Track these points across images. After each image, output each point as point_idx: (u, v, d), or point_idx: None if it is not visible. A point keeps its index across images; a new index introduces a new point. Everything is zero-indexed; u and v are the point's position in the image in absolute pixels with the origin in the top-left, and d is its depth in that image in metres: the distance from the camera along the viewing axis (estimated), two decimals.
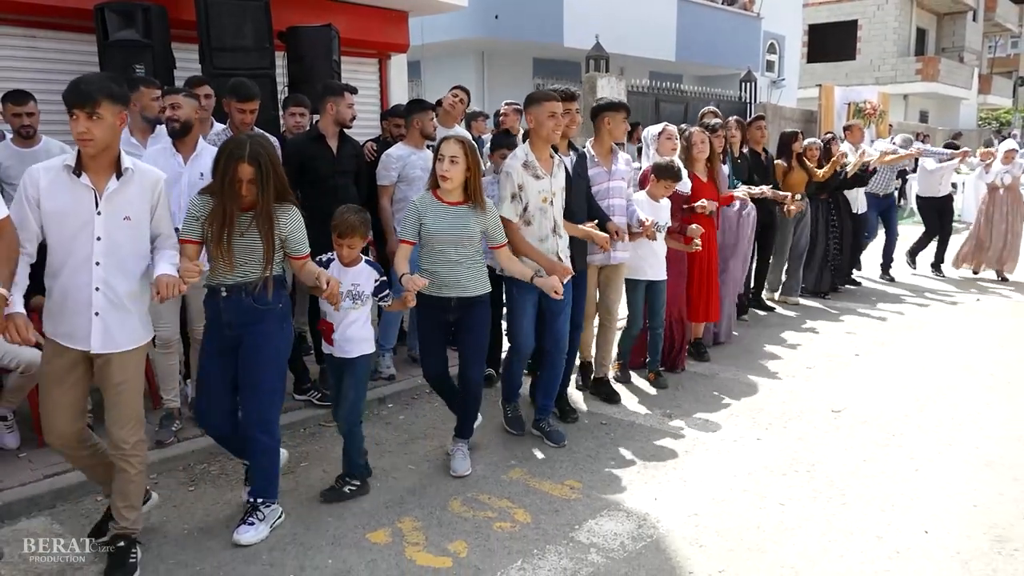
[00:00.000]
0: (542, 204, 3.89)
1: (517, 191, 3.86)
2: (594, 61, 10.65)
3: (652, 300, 5.06)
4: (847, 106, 14.45)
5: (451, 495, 3.62)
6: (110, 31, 5.59)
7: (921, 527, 3.32)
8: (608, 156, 4.65)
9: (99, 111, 2.64)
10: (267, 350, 3.15)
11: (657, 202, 4.92)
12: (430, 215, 3.58)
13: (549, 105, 3.85)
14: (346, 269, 3.41)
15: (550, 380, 4.27)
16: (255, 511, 3.23)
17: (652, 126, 5.45)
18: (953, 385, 5.21)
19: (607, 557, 3.09)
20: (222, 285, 3.09)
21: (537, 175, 3.89)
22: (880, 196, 8.79)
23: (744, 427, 4.48)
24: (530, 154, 3.90)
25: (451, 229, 3.58)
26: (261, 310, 3.12)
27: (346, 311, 3.40)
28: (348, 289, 3.38)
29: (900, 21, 27.65)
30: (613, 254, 4.58)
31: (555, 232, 3.96)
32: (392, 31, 8.15)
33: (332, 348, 3.47)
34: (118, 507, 2.98)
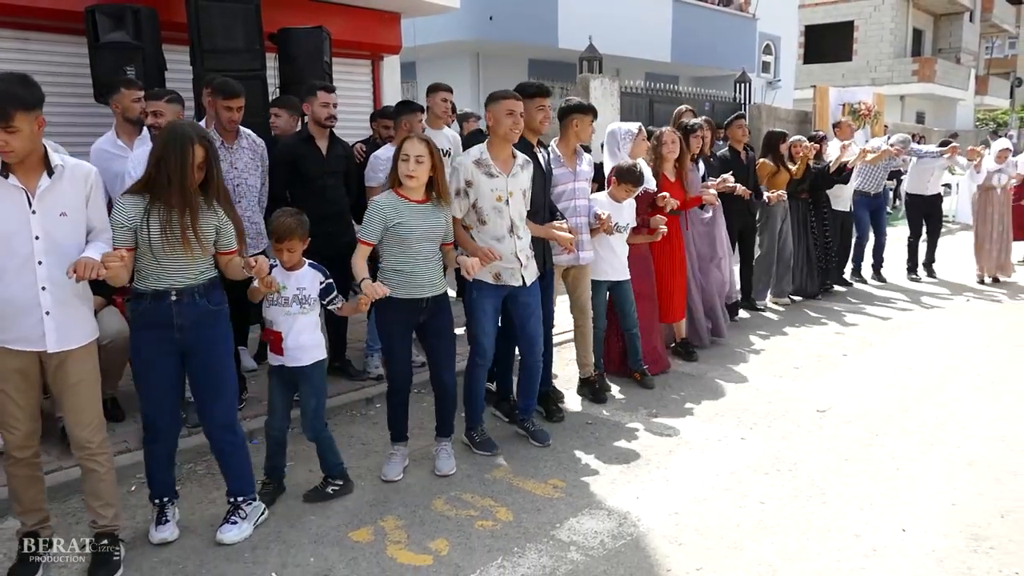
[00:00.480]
0: (496, 203, 3.83)
1: (463, 187, 3.81)
2: (587, 62, 10.67)
3: (620, 301, 5.04)
4: (842, 107, 14.47)
5: (435, 494, 3.65)
6: (101, 33, 5.63)
7: (899, 526, 3.35)
8: (572, 157, 4.65)
9: (14, 124, 2.58)
10: (224, 351, 3.18)
11: (619, 203, 4.90)
12: (404, 214, 3.54)
13: (507, 103, 3.80)
14: (289, 273, 3.38)
15: (529, 381, 4.27)
16: (237, 510, 3.27)
17: (620, 124, 5.43)
18: (939, 385, 5.24)
19: (586, 555, 3.12)
20: (172, 289, 3.00)
21: (491, 173, 3.83)
22: (871, 195, 8.74)
23: (729, 427, 4.51)
24: (485, 152, 3.86)
25: (425, 227, 3.58)
26: (215, 311, 3.11)
27: (294, 317, 3.36)
28: (294, 294, 3.36)
29: (896, 22, 27.70)
30: (581, 255, 4.63)
31: (512, 232, 3.90)
32: (384, 32, 8.19)
33: (283, 358, 3.40)
34: (94, 507, 3.01)
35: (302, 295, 3.38)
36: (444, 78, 10.59)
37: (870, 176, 8.67)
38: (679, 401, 4.95)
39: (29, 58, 6.02)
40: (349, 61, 7.99)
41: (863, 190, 8.66)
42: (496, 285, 3.95)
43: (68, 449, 3.80)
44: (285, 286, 3.34)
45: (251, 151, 4.44)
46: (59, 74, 6.06)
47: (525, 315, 4.08)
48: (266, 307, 3.38)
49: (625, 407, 4.84)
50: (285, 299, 3.35)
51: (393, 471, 3.83)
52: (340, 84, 7.24)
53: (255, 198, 4.48)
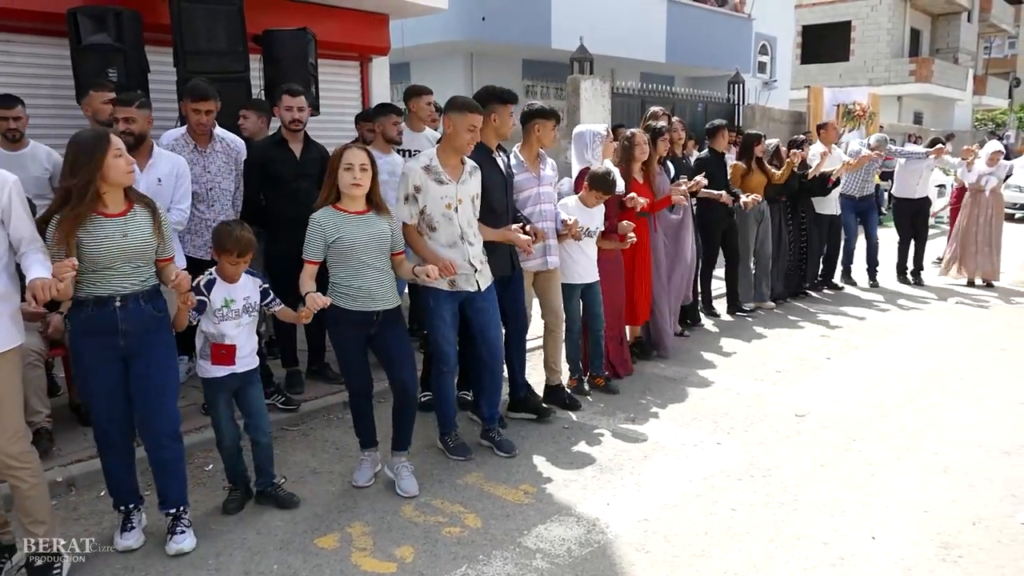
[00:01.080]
0: (446, 210, 3.80)
1: (412, 192, 3.77)
2: (578, 63, 10.65)
3: (589, 303, 5.04)
4: (836, 107, 14.45)
5: (404, 500, 3.64)
6: (83, 35, 5.60)
7: (869, 533, 3.33)
8: (536, 162, 4.62)
9: None
10: (170, 358, 3.16)
11: (589, 208, 4.88)
12: (345, 227, 3.46)
13: (472, 118, 3.76)
14: (233, 287, 3.35)
15: (492, 389, 4.22)
16: (180, 519, 3.21)
17: (588, 125, 5.39)
18: (920, 390, 5.22)
19: (551, 563, 3.11)
20: (117, 295, 2.95)
21: (440, 180, 3.79)
22: (856, 198, 8.68)
23: (706, 432, 4.50)
24: (435, 159, 3.81)
25: (368, 237, 3.50)
26: (159, 317, 3.10)
27: (245, 326, 3.38)
28: (243, 304, 3.36)
29: (894, 22, 27.66)
30: (549, 259, 4.61)
31: (464, 239, 3.86)
32: (372, 34, 8.16)
33: (234, 367, 3.37)
34: (24, 525, 2.94)
35: (249, 304, 3.39)
36: (437, 79, 10.60)
37: (852, 178, 8.58)
38: (658, 406, 4.93)
39: (12, 59, 6.02)
40: (337, 63, 7.97)
41: (847, 193, 8.60)
42: (452, 292, 3.92)
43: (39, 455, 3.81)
44: (234, 299, 3.33)
45: (225, 155, 4.44)
46: (42, 76, 6.05)
47: (483, 321, 4.05)
48: (214, 323, 3.31)
49: (603, 412, 4.82)
50: (235, 311, 3.33)
51: (363, 477, 3.81)
52: (328, 86, 7.25)
53: (228, 202, 4.47)
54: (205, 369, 3.38)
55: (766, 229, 7.41)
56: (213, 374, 3.37)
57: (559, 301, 4.81)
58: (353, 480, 3.81)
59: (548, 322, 4.86)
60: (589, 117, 9.73)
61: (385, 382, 3.89)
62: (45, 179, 4.67)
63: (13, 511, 3.00)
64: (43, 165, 4.65)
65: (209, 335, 3.34)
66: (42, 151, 4.70)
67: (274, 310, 3.51)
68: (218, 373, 3.37)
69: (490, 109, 4.07)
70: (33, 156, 4.65)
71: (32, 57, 6.07)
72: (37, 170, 4.63)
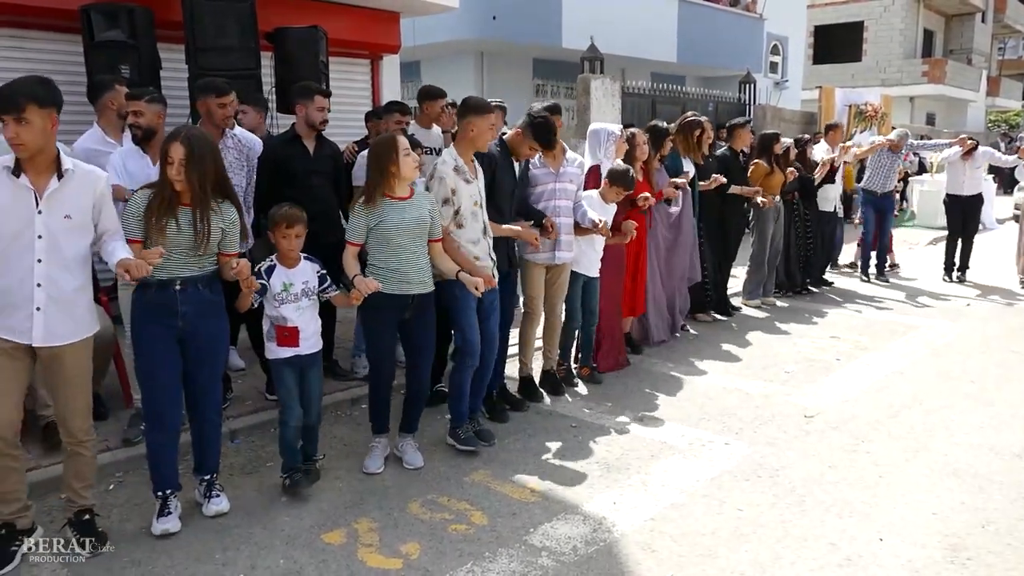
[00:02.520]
0: (474, 208, 3.99)
1: (451, 195, 3.93)
2: (588, 62, 10.63)
3: (586, 297, 5.13)
4: (848, 108, 14.37)
5: (411, 496, 3.64)
6: (96, 32, 5.65)
7: (876, 535, 3.32)
8: (557, 157, 4.74)
9: (26, 116, 2.74)
10: (223, 341, 3.43)
11: (607, 204, 5.06)
12: (385, 213, 3.62)
13: (491, 117, 4.02)
14: (292, 271, 3.52)
15: (480, 380, 4.28)
16: (213, 485, 3.49)
17: (604, 124, 5.48)
18: (931, 391, 5.19)
19: (557, 561, 3.11)
20: (177, 278, 3.16)
21: (467, 179, 3.98)
22: (878, 194, 8.68)
23: (714, 431, 4.48)
24: (459, 159, 3.98)
25: (410, 222, 3.65)
26: (216, 302, 3.30)
27: (305, 309, 3.54)
28: (301, 288, 3.52)
29: (907, 23, 27.48)
30: (558, 254, 4.73)
31: (485, 234, 4.07)
32: (383, 32, 8.18)
33: (299, 348, 3.54)
34: (76, 488, 3.18)
35: (308, 288, 3.55)
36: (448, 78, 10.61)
37: (877, 173, 8.59)
38: (665, 405, 4.92)
39: (26, 56, 6.06)
40: (347, 60, 7.99)
41: (870, 188, 8.61)
42: None
43: (49, 448, 3.86)
44: (292, 283, 3.50)
45: (236, 151, 4.45)
46: (55, 72, 5.97)
47: (486, 312, 4.15)
48: (275, 307, 3.49)
49: (611, 410, 4.81)
50: (295, 295, 3.50)
51: (374, 464, 3.91)
52: (338, 84, 7.26)
53: (239, 198, 4.47)
54: (272, 351, 3.57)
55: (779, 227, 7.50)
56: (279, 355, 3.55)
57: (559, 295, 4.94)
58: (364, 467, 3.91)
59: (546, 312, 4.98)
60: (599, 116, 9.71)
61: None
62: None
63: (66, 479, 3.19)
64: None
65: (273, 318, 3.53)
66: None
67: (330, 295, 3.64)
68: (284, 354, 3.54)
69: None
70: None
71: (45, 54, 6.11)
72: None
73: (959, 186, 8.81)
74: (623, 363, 5.62)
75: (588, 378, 5.28)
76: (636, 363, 5.80)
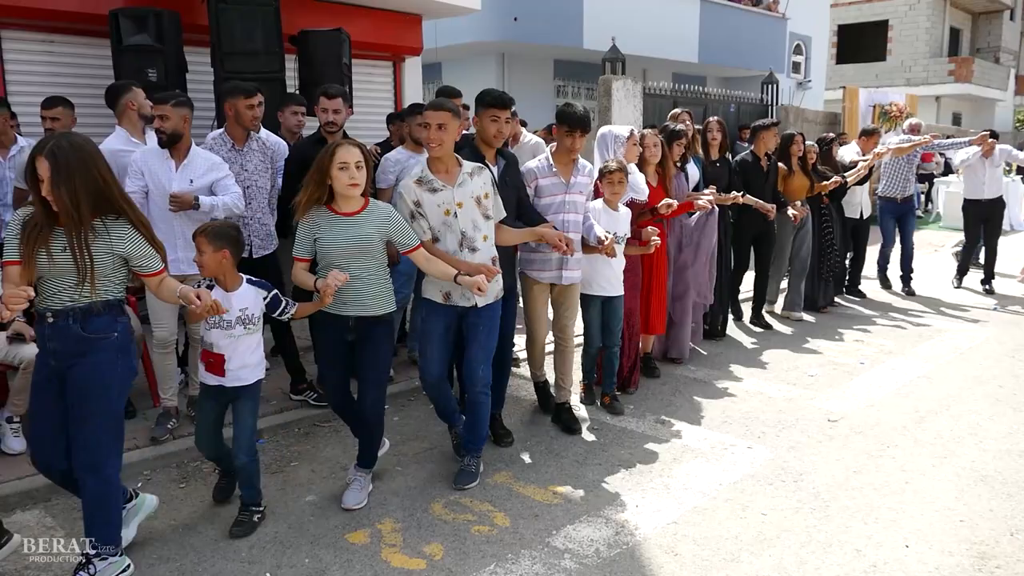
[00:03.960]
0: (444, 217, 3.59)
1: (414, 209, 3.59)
2: (610, 63, 10.62)
3: (607, 317, 4.70)
4: (872, 108, 14.23)
5: (434, 497, 3.66)
6: (124, 36, 5.73)
7: (903, 541, 3.29)
8: (569, 166, 4.36)
9: None
10: (95, 384, 2.81)
11: (616, 211, 4.61)
12: (324, 229, 3.33)
13: (425, 115, 3.59)
14: (230, 294, 3.19)
15: (469, 415, 3.88)
16: (87, 564, 2.86)
17: (612, 127, 5.06)
18: (958, 396, 5.13)
19: (580, 563, 3.11)
20: (48, 309, 2.77)
21: (433, 188, 3.58)
22: (897, 200, 8.29)
23: (736, 435, 4.46)
24: (425, 169, 3.61)
25: (350, 241, 3.33)
26: (91, 339, 2.79)
27: (238, 339, 3.20)
28: (237, 316, 3.18)
29: (933, 21, 27.15)
30: (566, 273, 4.37)
31: (463, 245, 3.63)
32: (405, 34, 8.23)
33: (223, 379, 3.22)
34: None
35: (245, 315, 3.21)
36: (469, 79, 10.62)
37: (894, 179, 8.26)
38: (688, 408, 4.91)
39: (55, 60, 6.17)
40: (370, 63, 8.06)
41: (888, 195, 8.30)
42: (445, 305, 3.70)
43: None
44: (228, 308, 3.14)
45: (261, 153, 4.50)
46: (84, 76, 6.19)
47: (470, 337, 3.78)
48: (206, 329, 3.21)
49: (633, 413, 4.81)
50: (228, 322, 3.17)
51: (354, 498, 3.61)
52: (361, 86, 7.33)
53: (265, 199, 4.53)
54: (200, 373, 3.32)
55: (804, 234, 7.08)
56: (204, 380, 3.28)
57: (570, 317, 4.56)
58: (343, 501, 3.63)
59: (556, 338, 4.64)
60: (620, 118, 9.69)
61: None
62: None
63: None
64: None
65: (201, 340, 3.28)
66: None
67: (290, 314, 3.35)
68: (208, 381, 3.26)
69: (485, 113, 3.95)
70: None
71: (74, 57, 6.23)
72: None
73: (979, 189, 8.35)
74: (633, 385, 5.20)
75: (608, 407, 4.82)
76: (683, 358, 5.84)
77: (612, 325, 4.73)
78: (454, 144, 3.63)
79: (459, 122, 3.62)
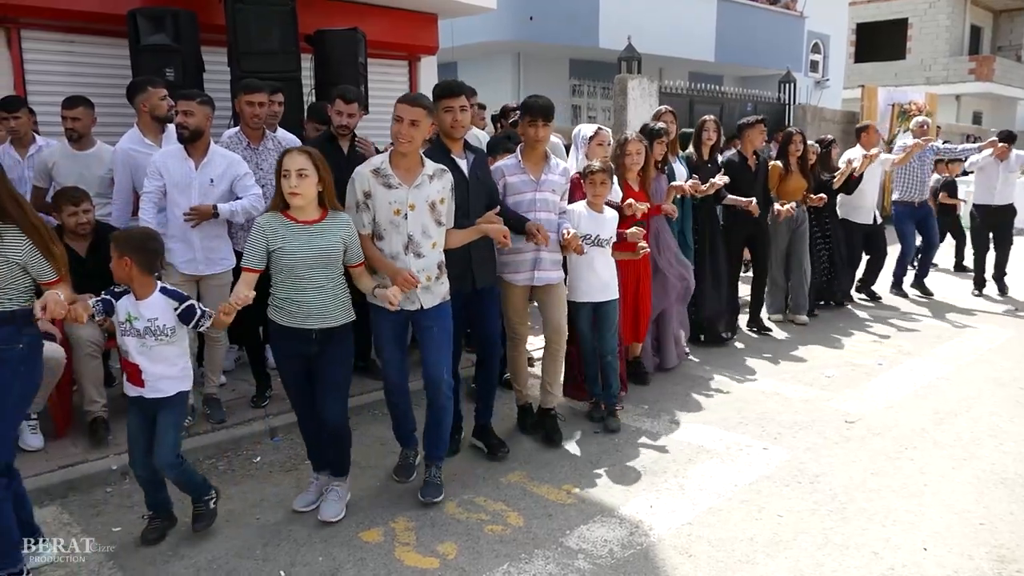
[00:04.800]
0: (394, 216, 3.40)
1: (362, 199, 3.41)
2: (626, 62, 10.58)
3: (599, 324, 4.48)
4: (891, 107, 14.08)
5: (448, 496, 3.65)
6: (142, 36, 5.78)
7: (921, 544, 3.25)
8: (538, 164, 4.17)
9: None
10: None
11: (600, 213, 4.39)
12: (289, 239, 3.15)
13: (396, 108, 3.38)
14: (141, 303, 3.03)
15: (432, 422, 3.69)
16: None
17: (581, 126, 4.90)
18: (978, 398, 5.06)
19: (593, 564, 3.10)
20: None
21: (389, 184, 3.40)
22: (914, 204, 8.02)
23: (752, 436, 4.43)
24: (386, 162, 3.44)
25: (313, 252, 3.18)
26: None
27: (152, 348, 3.05)
28: (146, 326, 3.03)
29: (953, 19, 26.85)
30: (537, 274, 4.16)
31: (409, 249, 3.44)
32: (421, 33, 8.24)
33: (143, 389, 3.08)
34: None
35: (155, 327, 3.04)
36: (485, 79, 10.60)
37: (908, 182, 7.98)
38: (703, 409, 4.87)
39: (75, 60, 6.22)
40: (386, 62, 8.07)
41: (904, 199, 8.03)
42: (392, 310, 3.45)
43: (95, 443, 3.96)
44: (138, 317, 3.02)
45: (276, 152, 4.49)
46: (102, 76, 6.24)
47: (424, 341, 3.60)
48: (120, 336, 3.07)
49: (648, 413, 4.78)
50: (137, 331, 3.03)
51: (301, 501, 3.54)
52: (376, 85, 7.33)
53: None
54: (124, 383, 3.16)
55: (802, 236, 6.81)
56: (127, 391, 3.13)
57: (561, 316, 4.30)
58: (293, 503, 3.55)
59: (547, 338, 4.38)
60: (636, 117, 9.65)
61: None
62: (108, 179, 4.81)
63: None
64: (108, 166, 4.79)
65: (120, 347, 3.13)
66: (108, 152, 4.84)
67: (206, 325, 3.16)
68: (130, 392, 3.11)
69: (438, 105, 3.71)
70: (98, 157, 4.79)
71: (93, 57, 6.27)
72: (102, 170, 4.78)
73: (989, 194, 7.99)
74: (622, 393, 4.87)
75: (605, 422, 4.56)
76: (673, 367, 5.73)
77: (604, 331, 4.51)
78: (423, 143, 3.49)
79: (431, 121, 3.50)
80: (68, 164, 4.68)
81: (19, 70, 5.95)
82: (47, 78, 6.03)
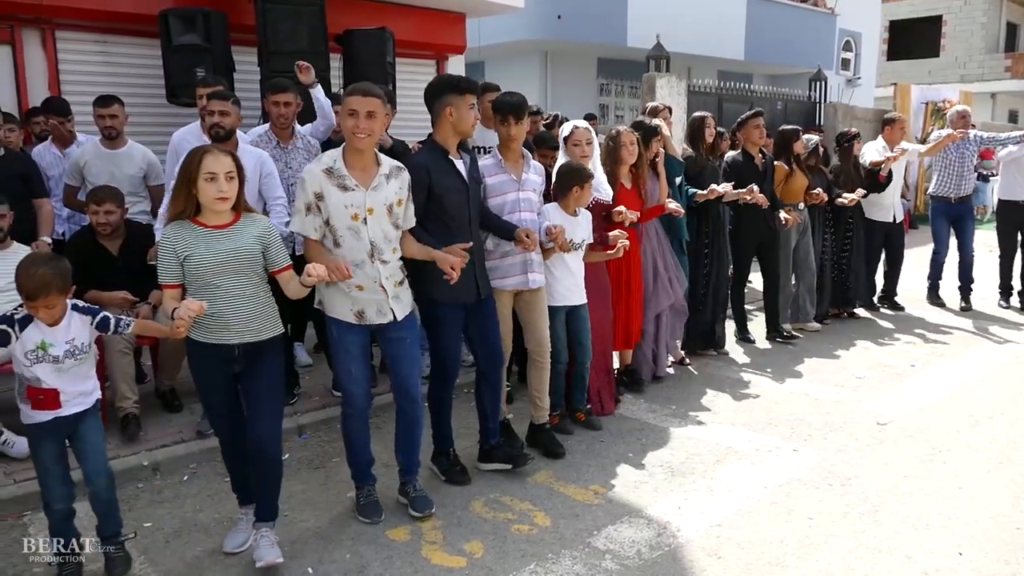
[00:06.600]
0: (351, 222, 3.13)
1: (314, 201, 3.11)
2: (654, 61, 10.51)
3: (575, 328, 4.30)
4: (924, 105, 13.84)
5: (474, 496, 3.65)
6: (174, 36, 5.87)
7: (956, 548, 3.18)
8: (518, 163, 3.94)
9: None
10: None
11: (574, 216, 4.19)
12: (195, 245, 2.85)
13: (347, 101, 3.12)
14: (54, 329, 2.78)
15: (408, 435, 3.53)
16: None
17: (566, 124, 4.59)
18: (1014, 401, 4.96)
19: (621, 564, 3.07)
20: None
21: (345, 186, 3.12)
22: (952, 200, 7.32)
23: (782, 437, 4.37)
24: (339, 160, 3.15)
25: (224, 255, 2.87)
26: None
27: (69, 370, 2.84)
28: (65, 349, 2.80)
29: (989, 16, 26.34)
30: (531, 276, 3.93)
31: (374, 256, 3.19)
32: (449, 33, 8.27)
33: (60, 410, 2.83)
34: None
35: (75, 347, 2.83)
36: (512, 78, 10.60)
37: (946, 175, 7.31)
38: (731, 409, 4.82)
39: (109, 60, 6.34)
40: (414, 61, 8.11)
41: (940, 194, 7.43)
42: (359, 324, 3.26)
43: (127, 439, 4.01)
44: (52, 343, 2.78)
45: (306, 151, 4.54)
46: (136, 75, 6.35)
47: (396, 354, 3.39)
48: (26, 365, 2.77)
49: (675, 413, 4.74)
50: (54, 357, 2.78)
51: (232, 542, 3.20)
52: (404, 84, 7.37)
53: None
54: (26, 414, 2.85)
55: (808, 239, 6.51)
56: (35, 419, 2.84)
57: (545, 326, 4.08)
58: (223, 544, 3.21)
59: (532, 351, 4.11)
60: None
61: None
62: (140, 178, 4.88)
63: None
64: (138, 164, 4.86)
65: (23, 378, 2.82)
66: (138, 151, 4.91)
67: (131, 330, 2.96)
68: (41, 418, 2.83)
69: (444, 101, 3.48)
70: (129, 155, 4.87)
71: (127, 57, 6.40)
72: (132, 169, 4.85)
73: (1016, 189, 7.25)
74: (608, 407, 4.71)
75: (583, 423, 4.47)
76: (700, 366, 5.69)
77: (582, 337, 4.32)
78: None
79: (388, 111, 3.25)
80: (100, 163, 4.75)
81: (53, 70, 6.07)
82: (81, 77, 6.15)
